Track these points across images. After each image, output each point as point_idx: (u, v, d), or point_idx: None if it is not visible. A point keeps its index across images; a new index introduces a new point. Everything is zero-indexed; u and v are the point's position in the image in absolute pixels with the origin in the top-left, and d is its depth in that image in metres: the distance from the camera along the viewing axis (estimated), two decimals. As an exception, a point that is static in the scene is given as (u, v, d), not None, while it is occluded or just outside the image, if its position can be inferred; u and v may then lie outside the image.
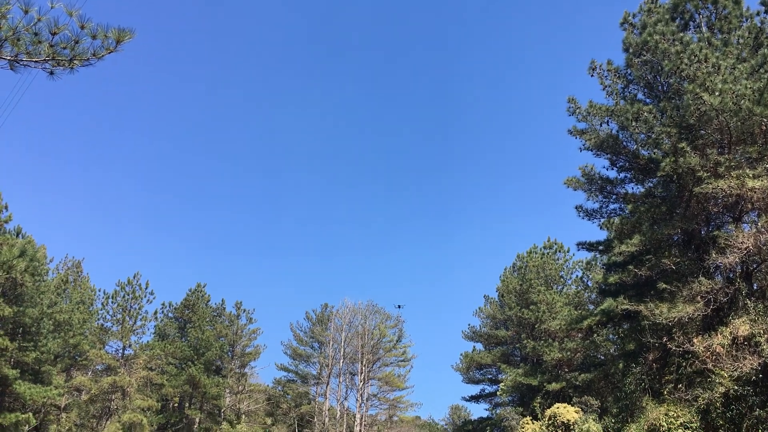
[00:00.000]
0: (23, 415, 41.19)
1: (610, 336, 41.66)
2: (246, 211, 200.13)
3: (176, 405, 60.03)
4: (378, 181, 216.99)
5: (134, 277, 51.05)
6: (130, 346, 50.70)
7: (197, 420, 57.67)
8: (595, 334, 38.67)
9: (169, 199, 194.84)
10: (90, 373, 52.13)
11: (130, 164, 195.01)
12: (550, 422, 39.30)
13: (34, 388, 41.55)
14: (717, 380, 20.26)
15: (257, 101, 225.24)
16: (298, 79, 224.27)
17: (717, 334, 21.61)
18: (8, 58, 11.40)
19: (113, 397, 46.28)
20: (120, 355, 49.95)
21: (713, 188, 23.53)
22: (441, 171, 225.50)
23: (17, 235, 44.66)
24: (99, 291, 55.61)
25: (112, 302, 50.80)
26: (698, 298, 23.70)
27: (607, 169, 30.72)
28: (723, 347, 20.90)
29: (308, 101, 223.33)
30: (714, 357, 21.06)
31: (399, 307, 74.56)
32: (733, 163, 24.03)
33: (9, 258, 32.26)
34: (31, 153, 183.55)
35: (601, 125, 29.02)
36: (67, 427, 45.15)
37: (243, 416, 62.29)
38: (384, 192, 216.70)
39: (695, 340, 22.04)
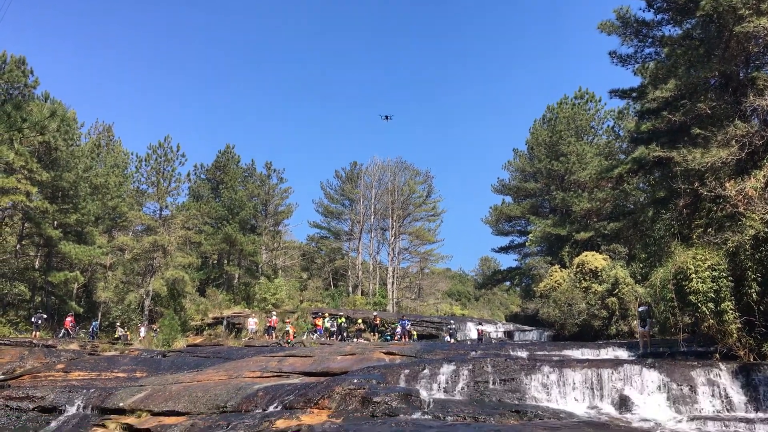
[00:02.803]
0: (71, 274, 43.12)
1: (641, 185, 41.46)
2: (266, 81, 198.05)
3: (215, 262, 62.41)
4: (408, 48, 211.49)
5: (165, 140, 51.30)
6: (166, 207, 51.86)
7: (236, 275, 60.08)
8: (626, 183, 38.45)
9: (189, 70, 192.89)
10: (131, 233, 53.91)
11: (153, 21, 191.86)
12: (578, 270, 40.18)
13: (79, 248, 43.21)
14: (747, 223, 20.15)
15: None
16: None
17: (750, 178, 21.30)
18: None
19: (155, 256, 47.99)
20: (158, 215, 51.29)
21: (755, 27, 22.36)
22: (468, 28, 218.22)
23: (45, 100, 44.81)
24: (132, 155, 56.38)
25: (145, 165, 51.40)
26: (733, 142, 23.20)
27: (643, 11, 29.20)
28: (755, 190, 20.64)
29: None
30: (746, 200, 20.86)
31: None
32: (777, -1, 22.70)
33: (40, 119, 32.08)
34: (53, 20, 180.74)
35: (638, -37, 27.35)
36: (114, 284, 47.30)
37: (280, 271, 64.75)
38: (415, 50, 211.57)
39: (727, 185, 21.76)
